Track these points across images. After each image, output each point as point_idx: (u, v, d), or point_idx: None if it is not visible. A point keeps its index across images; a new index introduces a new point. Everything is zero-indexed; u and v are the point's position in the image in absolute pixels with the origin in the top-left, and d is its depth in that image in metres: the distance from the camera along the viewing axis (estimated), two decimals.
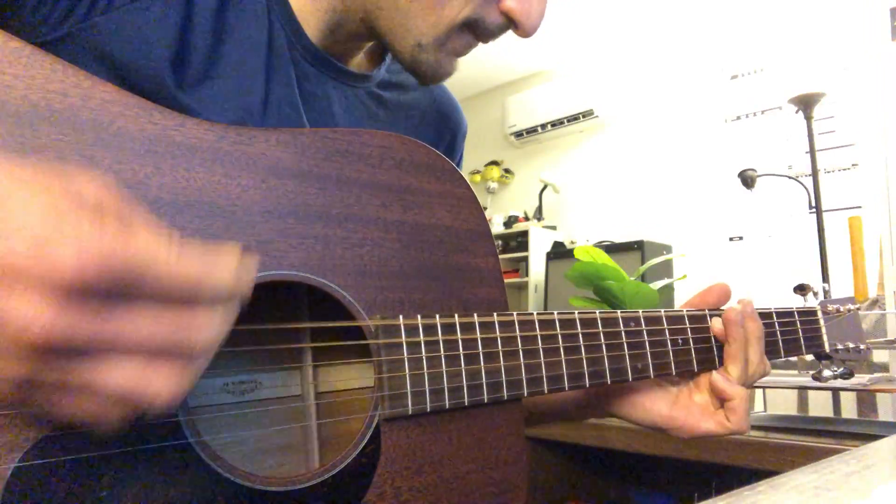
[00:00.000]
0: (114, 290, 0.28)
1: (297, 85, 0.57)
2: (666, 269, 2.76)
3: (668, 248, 3.08)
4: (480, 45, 0.58)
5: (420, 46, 0.54)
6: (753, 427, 1.07)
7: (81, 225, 0.27)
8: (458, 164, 0.76)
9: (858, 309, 0.74)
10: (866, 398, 1.10)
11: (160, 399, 0.30)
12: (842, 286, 1.59)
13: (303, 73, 0.57)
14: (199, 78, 0.50)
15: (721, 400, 0.60)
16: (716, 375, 0.59)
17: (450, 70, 0.57)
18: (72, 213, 0.27)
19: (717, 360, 0.61)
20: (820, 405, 1.13)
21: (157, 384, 0.29)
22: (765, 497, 0.34)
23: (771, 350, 0.65)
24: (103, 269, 0.27)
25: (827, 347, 0.71)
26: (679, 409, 0.60)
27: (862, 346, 0.73)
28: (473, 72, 4.23)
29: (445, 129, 0.73)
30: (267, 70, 0.54)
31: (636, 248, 2.94)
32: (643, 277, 1.56)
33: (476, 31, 0.55)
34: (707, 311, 0.62)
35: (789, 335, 0.68)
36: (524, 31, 0.55)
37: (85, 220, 0.27)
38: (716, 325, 0.61)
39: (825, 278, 1.57)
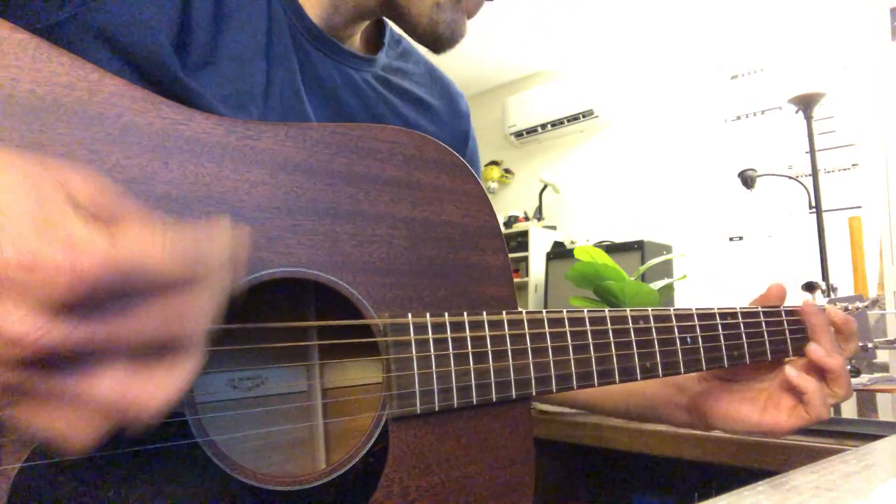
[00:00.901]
0: (106, 294, 0.27)
1: (301, 68, 0.56)
2: (666, 269, 2.76)
3: (668, 248, 3.08)
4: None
5: (439, 6, 0.55)
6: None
7: (73, 229, 0.26)
8: (474, 147, 0.76)
9: (867, 307, 0.74)
10: (866, 398, 1.10)
11: (149, 407, 0.28)
12: (842, 286, 1.59)
13: (306, 56, 0.57)
14: (200, 62, 0.50)
15: (799, 394, 0.62)
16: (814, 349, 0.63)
17: (464, 31, 0.58)
18: (63, 216, 0.26)
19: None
20: None
21: (147, 391, 0.28)
22: (765, 497, 0.34)
23: (779, 349, 0.66)
24: (97, 278, 0.26)
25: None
26: (768, 415, 0.63)
27: (870, 345, 0.72)
28: (473, 72, 4.23)
29: (454, 114, 0.73)
30: (267, 54, 0.53)
31: (636, 248, 2.93)
32: (643, 277, 1.56)
33: None
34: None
35: (797, 333, 0.68)
36: None
37: (76, 224, 0.26)
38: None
39: (825, 278, 1.57)
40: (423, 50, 0.73)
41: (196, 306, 0.29)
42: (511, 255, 3.86)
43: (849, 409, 1.06)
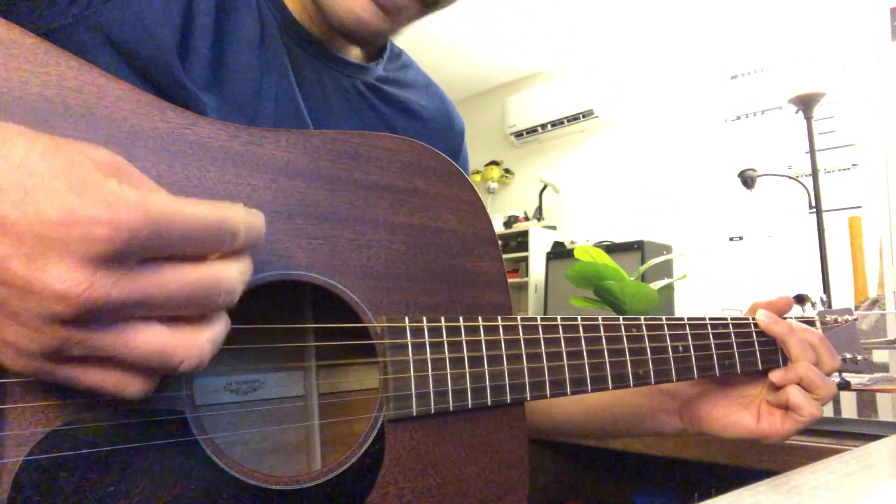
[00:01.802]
0: (144, 245, 0.28)
1: (294, 71, 0.56)
2: (666, 269, 2.76)
3: (668, 248, 3.08)
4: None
5: None
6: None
7: (107, 187, 0.27)
8: (466, 163, 0.77)
9: (856, 320, 0.74)
10: (866, 398, 1.10)
11: (190, 359, 0.30)
12: (842, 286, 1.59)
13: (295, 59, 0.57)
14: (201, 68, 0.50)
15: (786, 403, 0.62)
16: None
17: (362, 13, 0.51)
18: (94, 177, 0.27)
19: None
20: None
21: (187, 344, 0.30)
22: (765, 497, 0.34)
23: (770, 359, 0.66)
24: (134, 231, 0.27)
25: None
26: (764, 421, 0.63)
27: (860, 357, 0.73)
28: (473, 72, 4.23)
29: (447, 129, 0.73)
30: (259, 60, 0.54)
31: (636, 248, 2.94)
32: (643, 277, 1.57)
33: None
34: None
35: None
36: None
37: (109, 182, 0.27)
38: (766, 322, 0.64)
39: (825, 278, 1.57)
40: (422, 64, 0.73)
41: (228, 268, 0.31)
42: (511, 255, 3.89)
43: (849, 409, 1.06)
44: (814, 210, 1.68)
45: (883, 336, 0.80)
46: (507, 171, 4.52)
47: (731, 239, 3.28)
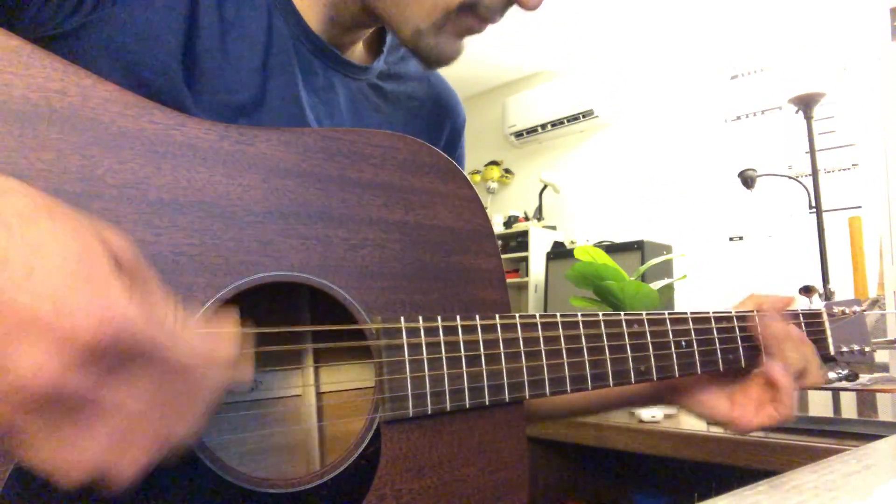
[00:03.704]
0: (123, 357, 0.28)
1: (302, 78, 0.56)
2: (666, 269, 2.75)
3: (668, 248, 3.07)
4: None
5: (419, 32, 0.54)
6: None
7: (109, 289, 0.27)
8: (461, 155, 0.76)
9: (864, 311, 0.73)
10: (866, 398, 1.10)
11: (124, 475, 0.29)
12: (842, 286, 1.59)
13: (307, 66, 0.57)
14: (204, 75, 0.50)
15: (771, 392, 0.63)
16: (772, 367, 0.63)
17: (454, 52, 0.57)
18: (103, 272, 0.27)
19: (742, 360, 0.63)
20: (820, 405, 1.13)
21: (128, 459, 0.29)
22: (765, 497, 0.34)
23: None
24: (119, 339, 0.27)
25: (832, 350, 0.71)
26: (737, 409, 0.64)
27: (867, 349, 0.72)
28: (473, 72, 4.23)
29: (446, 119, 0.73)
30: (265, 67, 0.54)
31: (636, 248, 2.93)
32: (643, 277, 1.56)
33: (477, 11, 0.54)
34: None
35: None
36: (528, 5, 0.54)
37: (114, 285, 0.27)
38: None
39: (825, 278, 1.57)
40: None
41: (199, 393, 0.31)
42: (511, 255, 3.88)
43: (849, 409, 1.06)
44: (814, 210, 1.68)
45: (883, 336, 0.79)
46: (507, 171, 4.51)
47: (731, 239, 3.27)
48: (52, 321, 0.26)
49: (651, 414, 1.21)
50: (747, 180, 1.89)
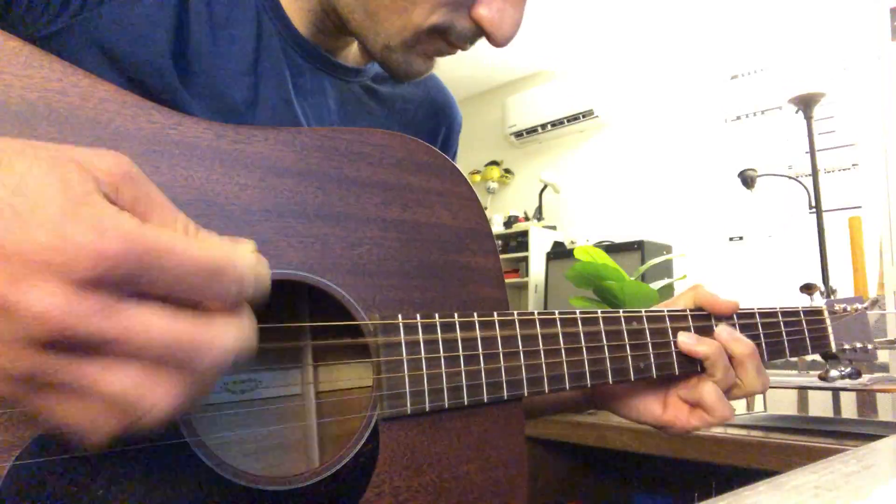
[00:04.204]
0: (132, 279, 0.27)
1: (291, 80, 0.56)
2: (666, 269, 2.75)
3: (668, 248, 3.08)
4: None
5: (388, 48, 0.54)
6: (753, 427, 1.07)
7: (100, 209, 0.26)
8: (454, 158, 0.76)
9: (866, 308, 0.73)
10: (866, 398, 1.10)
11: (156, 410, 0.28)
12: (842, 286, 1.59)
13: (296, 68, 0.57)
14: (193, 75, 0.50)
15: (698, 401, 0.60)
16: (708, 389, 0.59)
17: (422, 69, 0.57)
18: (90, 196, 0.27)
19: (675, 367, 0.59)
20: (820, 405, 1.13)
21: (157, 394, 0.28)
22: (765, 497, 0.34)
23: (776, 350, 0.65)
24: (121, 258, 0.26)
25: (833, 347, 0.71)
26: (670, 411, 0.62)
27: (870, 346, 0.72)
28: (473, 72, 4.23)
29: (441, 122, 0.73)
30: (255, 69, 0.54)
31: (636, 248, 2.93)
32: (643, 277, 1.57)
33: (447, 37, 0.54)
34: (689, 312, 0.60)
35: (795, 335, 0.67)
36: (496, 42, 0.53)
37: (103, 204, 0.27)
38: (690, 344, 0.59)
39: (825, 278, 1.57)
40: None
41: (220, 328, 0.29)
42: (511, 255, 3.89)
43: (849, 409, 1.06)
44: (814, 210, 1.68)
45: (883, 336, 0.79)
46: (507, 171, 4.52)
47: (731, 239, 3.27)
48: (50, 257, 0.25)
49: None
50: (747, 180, 1.89)
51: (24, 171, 0.27)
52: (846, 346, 0.72)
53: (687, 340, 0.58)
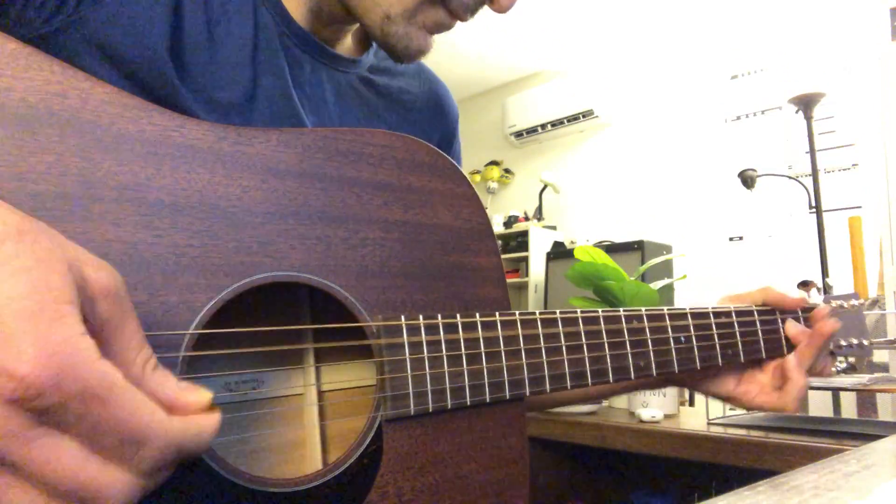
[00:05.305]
0: (56, 410, 0.25)
1: (290, 72, 0.56)
2: (666, 269, 2.75)
3: (668, 248, 3.07)
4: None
5: (389, 18, 0.53)
6: (754, 427, 1.07)
7: (60, 323, 0.25)
8: (458, 152, 0.76)
9: (863, 305, 0.74)
10: (866, 398, 1.10)
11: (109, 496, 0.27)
12: (842, 286, 1.59)
13: (294, 60, 0.57)
14: (191, 71, 0.50)
15: (782, 381, 0.66)
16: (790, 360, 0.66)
17: (423, 46, 0.56)
18: (56, 305, 0.25)
19: (741, 355, 0.65)
20: (820, 405, 1.13)
21: (104, 480, 0.27)
22: (765, 497, 0.34)
23: (774, 347, 0.66)
24: (61, 375, 0.25)
25: (830, 344, 0.71)
26: (742, 385, 0.68)
27: (866, 343, 0.72)
28: (473, 72, 4.23)
29: (439, 114, 0.73)
30: (253, 62, 0.53)
31: (636, 248, 2.93)
32: (643, 277, 1.56)
33: (448, 5, 0.54)
34: (755, 308, 0.67)
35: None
36: (500, 6, 0.53)
37: (66, 319, 0.26)
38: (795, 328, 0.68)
39: (825, 278, 1.57)
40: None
41: (145, 448, 0.28)
42: (511, 255, 3.89)
43: (849, 409, 1.06)
44: (814, 210, 1.68)
45: (883, 336, 0.79)
46: (507, 171, 4.52)
47: (731, 239, 3.27)
48: None
49: (651, 414, 1.21)
50: (747, 180, 1.89)
51: (9, 255, 0.25)
52: (843, 343, 0.72)
53: (793, 329, 0.68)
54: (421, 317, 0.46)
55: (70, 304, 0.26)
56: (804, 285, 0.74)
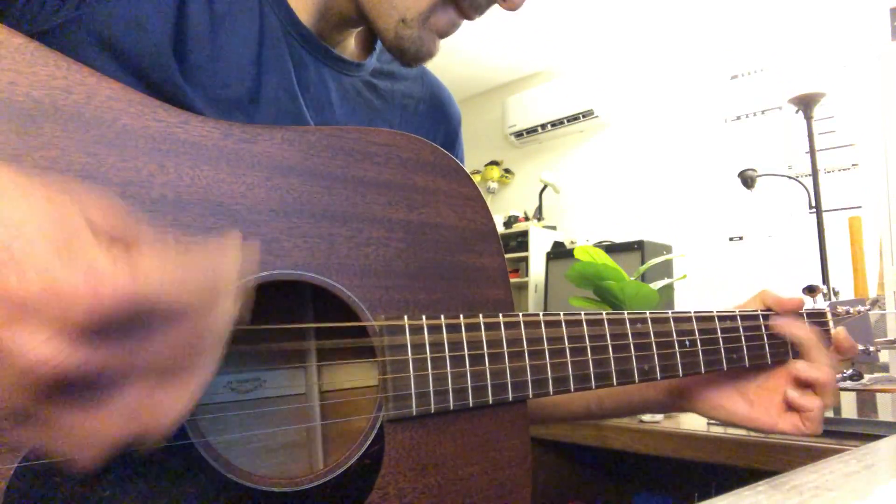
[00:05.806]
0: (125, 322, 0.27)
1: (295, 72, 0.56)
2: (666, 269, 2.75)
3: (668, 248, 3.07)
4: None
5: (404, 22, 0.54)
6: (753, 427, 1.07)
7: (94, 257, 0.26)
8: (461, 153, 0.76)
9: (869, 310, 0.74)
10: (866, 398, 1.10)
11: (161, 427, 0.29)
12: (842, 286, 1.59)
13: (299, 61, 0.57)
14: (194, 67, 0.50)
15: (800, 405, 0.62)
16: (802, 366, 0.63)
17: (433, 50, 0.58)
18: (84, 244, 0.26)
19: (746, 359, 0.63)
20: None
21: (158, 413, 0.29)
22: (765, 497, 0.34)
23: (780, 352, 0.66)
24: (116, 306, 0.26)
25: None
26: (758, 411, 0.64)
27: (871, 348, 0.72)
28: (473, 72, 4.23)
29: (442, 118, 0.73)
30: (258, 60, 0.53)
31: (636, 248, 2.93)
32: (643, 277, 1.56)
33: (460, 4, 0.55)
34: (738, 312, 0.64)
35: None
36: (511, 4, 0.54)
37: (98, 252, 0.26)
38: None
39: (825, 278, 1.57)
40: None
41: (208, 330, 0.30)
42: (511, 255, 3.88)
43: (849, 409, 1.06)
44: (814, 210, 1.68)
45: (883, 336, 0.79)
46: (507, 171, 4.51)
47: (731, 239, 3.27)
48: (45, 303, 0.25)
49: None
50: (747, 180, 1.89)
51: (19, 205, 0.26)
52: None
53: (780, 322, 0.65)
54: (424, 317, 0.46)
55: (93, 238, 0.27)
56: (810, 291, 0.74)
